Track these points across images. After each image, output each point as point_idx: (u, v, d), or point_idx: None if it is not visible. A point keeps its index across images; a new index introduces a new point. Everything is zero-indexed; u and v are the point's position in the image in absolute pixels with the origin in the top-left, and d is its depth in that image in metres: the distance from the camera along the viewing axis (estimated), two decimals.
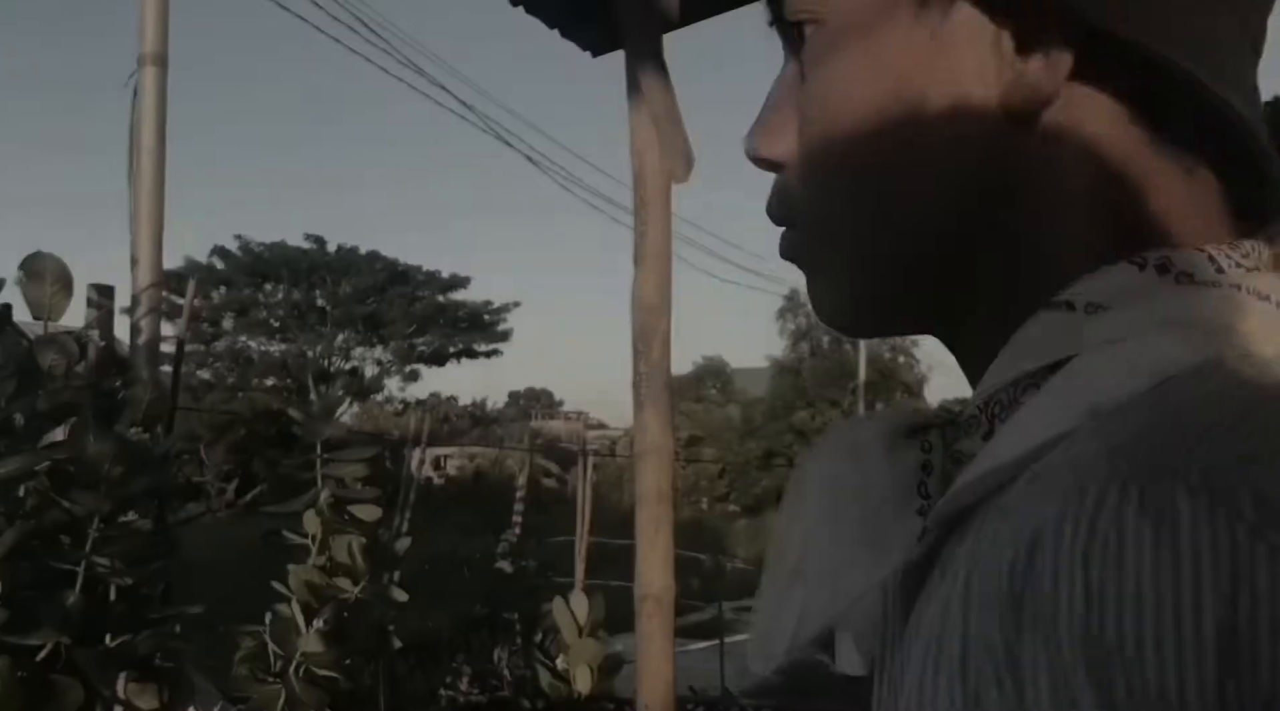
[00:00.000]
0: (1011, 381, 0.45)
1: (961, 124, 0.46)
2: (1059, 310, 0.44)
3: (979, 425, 0.47)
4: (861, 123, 0.48)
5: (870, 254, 0.50)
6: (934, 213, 0.48)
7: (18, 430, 1.77)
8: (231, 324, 29.36)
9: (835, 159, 0.49)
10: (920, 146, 0.47)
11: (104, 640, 1.78)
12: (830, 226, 0.51)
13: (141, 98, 2.75)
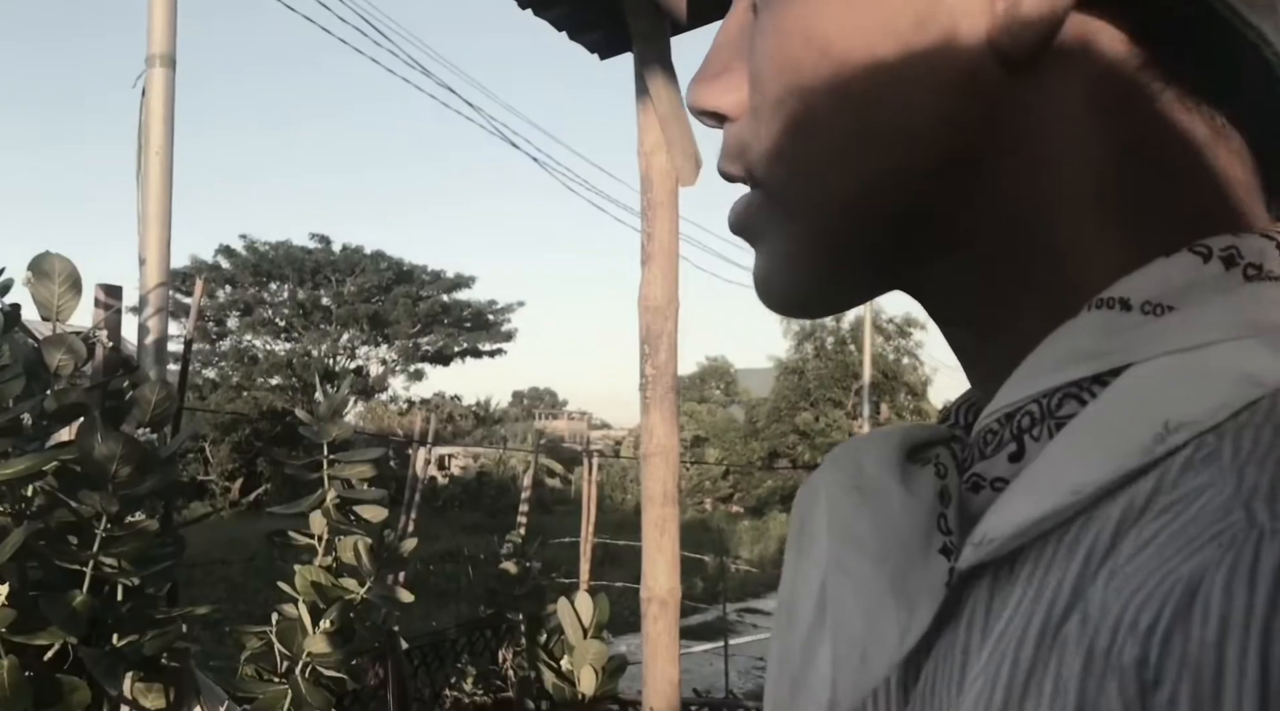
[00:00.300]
0: (1045, 391, 0.38)
1: (944, 65, 0.39)
2: (1110, 309, 0.37)
3: (1001, 443, 0.40)
4: (821, 57, 0.41)
5: (825, 210, 0.43)
6: (911, 167, 0.41)
7: (25, 430, 1.77)
8: (237, 323, 29.40)
9: (790, 100, 0.42)
10: (895, 91, 0.40)
11: (110, 640, 1.78)
12: (783, 178, 0.43)
13: (150, 98, 2.76)
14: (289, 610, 2.18)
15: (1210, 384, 0.33)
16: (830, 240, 0.43)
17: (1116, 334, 0.36)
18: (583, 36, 3.86)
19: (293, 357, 28.62)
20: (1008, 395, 0.39)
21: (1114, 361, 0.36)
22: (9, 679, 1.55)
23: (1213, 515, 0.29)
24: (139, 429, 1.87)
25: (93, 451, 1.67)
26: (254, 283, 29.45)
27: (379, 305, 29.60)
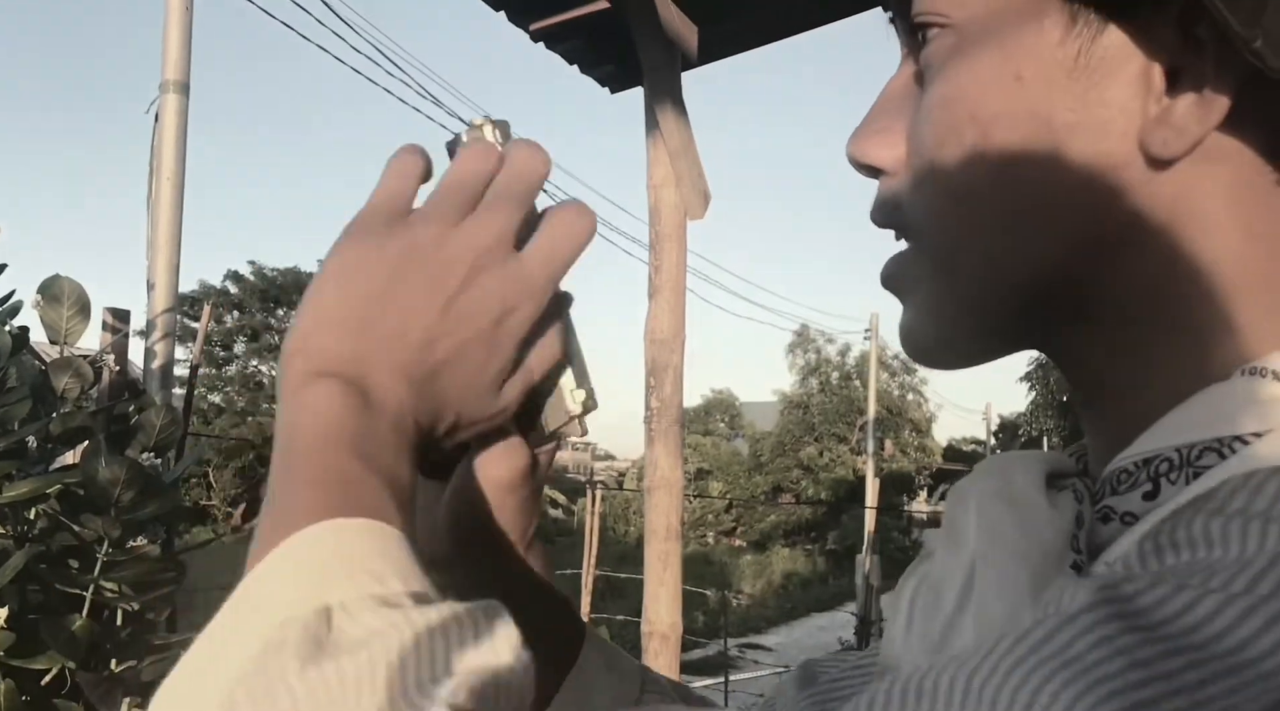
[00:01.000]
0: (1187, 443, 0.41)
1: (1093, 155, 0.43)
2: (1261, 378, 0.41)
3: (1136, 483, 0.43)
4: (984, 136, 0.44)
5: (972, 275, 0.47)
6: (1045, 244, 0.45)
7: (30, 452, 1.77)
8: (243, 348, 29.44)
9: (950, 170, 0.46)
10: (1043, 171, 0.43)
11: (109, 665, 1.77)
12: (944, 244, 0.47)
13: (163, 124, 2.78)
14: None
15: None
16: (976, 301, 0.47)
17: (1264, 401, 0.40)
18: (594, 70, 3.88)
19: None
20: (1148, 443, 0.43)
21: (1258, 425, 0.39)
22: (6, 702, 1.54)
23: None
24: (143, 453, 1.88)
25: (96, 475, 1.67)
26: (262, 308, 29.51)
27: None
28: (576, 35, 3.63)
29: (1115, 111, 0.42)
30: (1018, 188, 0.44)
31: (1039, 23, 0.43)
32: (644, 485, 3.58)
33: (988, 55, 0.45)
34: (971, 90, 0.45)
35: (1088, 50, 0.42)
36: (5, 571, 1.55)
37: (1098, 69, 0.42)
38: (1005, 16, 0.44)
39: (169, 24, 2.87)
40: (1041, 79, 0.43)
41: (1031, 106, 0.43)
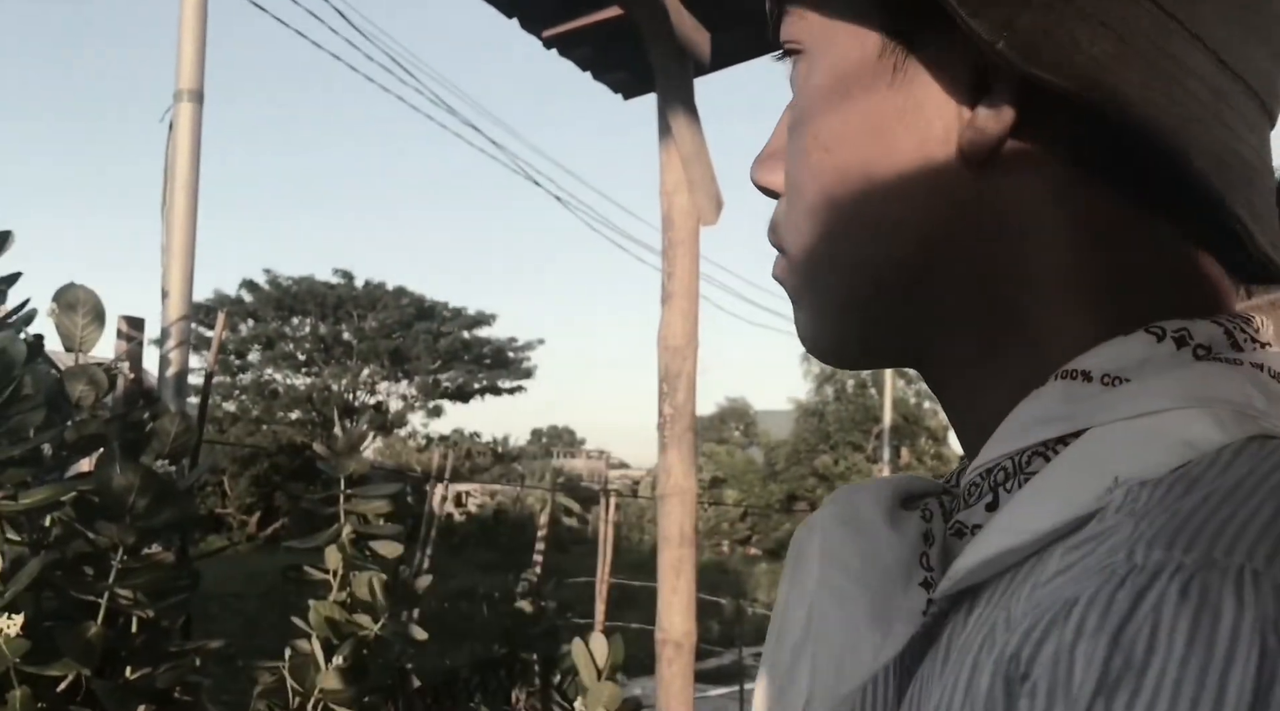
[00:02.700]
0: (1017, 450, 0.43)
1: (916, 161, 0.45)
2: (1073, 380, 0.43)
3: (981, 494, 0.45)
4: (825, 152, 0.48)
5: (841, 288, 0.50)
6: (889, 247, 0.47)
7: (45, 460, 1.78)
8: (258, 357, 29.54)
9: (805, 186, 0.49)
10: (876, 180, 0.46)
11: (124, 672, 1.77)
12: (808, 258, 0.51)
13: (177, 132, 2.79)
14: (302, 645, 2.17)
15: (1153, 446, 0.39)
16: (839, 308, 0.50)
17: (1078, 401, 0.42)
18: (607, 76, 3.89)
19: (313, 392, 28.72)
20: (987, 453, 0.45)
21: (1075, 425, 0.41)
22: (22, 709, 1.54)
23: (1108, 553, 0.34)
24: (158, 461, 1.88)
25: (111, 482, 1.67)
26: (276, 317, 29.61)
27: (400, 341, 29.71)
28: (589, 42, 3.63)
29: (933, 117, 0.45)
30: (856, 198, 0.47)
31: (861, 43, 0.47)
32: (657, 492, 3.57)
33: (824, 78, 0.48)
34: (811, 111, 0.49)
35: (902, 64, 0.46)
36: (21, 578, 1.55)
37: (914, 79, 0.45)
38: (836, 40, 0.48)
39: (183, 33, 2.88)
40: (868, 94, 0.46)
41: (861, 120, 0.47)
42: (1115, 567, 0.33)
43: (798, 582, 0.49)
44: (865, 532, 0.48)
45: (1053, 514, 0.38)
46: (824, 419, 30.97)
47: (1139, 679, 0.30)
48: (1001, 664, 0.33)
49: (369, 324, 29.76)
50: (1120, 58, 0.41)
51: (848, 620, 0.46)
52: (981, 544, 0.41)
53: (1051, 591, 0.35)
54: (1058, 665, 0.31)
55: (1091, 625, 0.31)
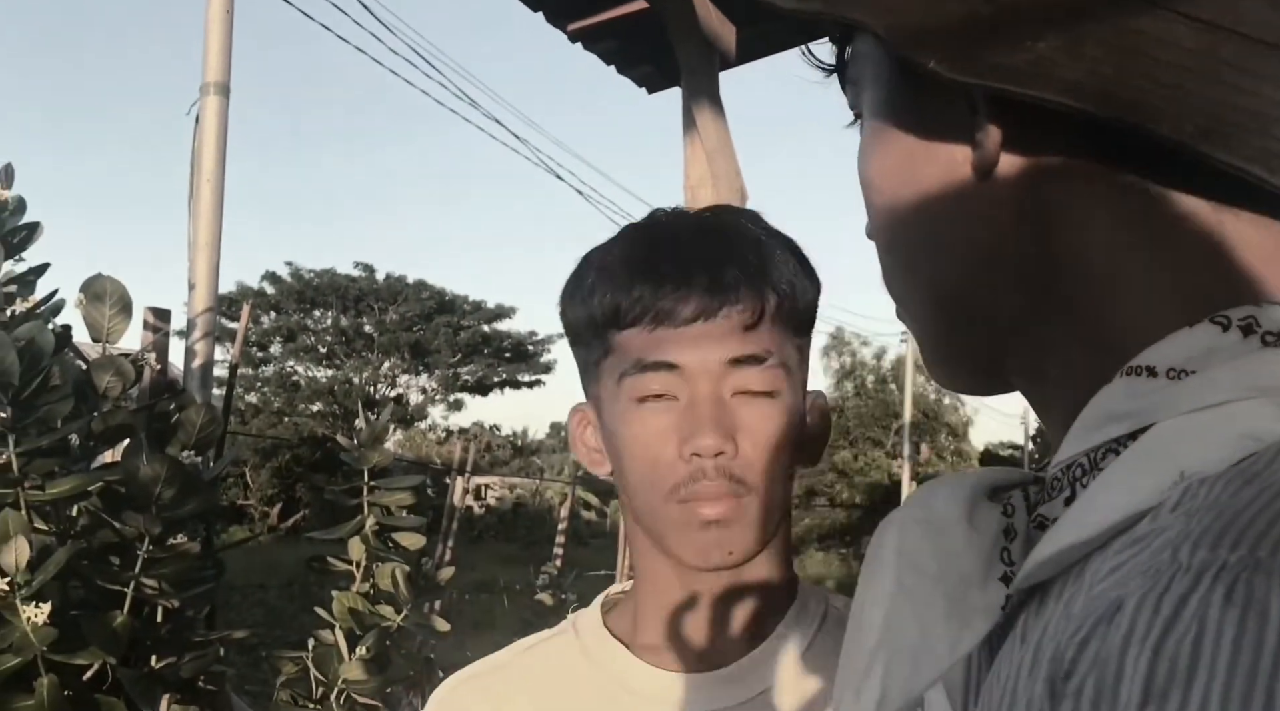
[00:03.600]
0: (1093, 447, 0.44)
1: (952, 191, 0.48)
2: (1138, 376, 0.43)
3: (1061, 488, 0.46)
4: (881, 198, 0.52)
5: (924, 320, 0.53)
6: (955, 276, 0.50)
7: (72, 450, 1.79)
8: (280, 349, 29.67)
9: (879, 238, 0.54)
10: (926, 216, 0.50)
11: (149, 661, 1.78)
12: (896, 299, 0.55)
13: (203, 126, 2.80)
14: (325, 636, 2.18)
15: (1215, 439, 0.38)
16: (931, 339, 0.53)
17: (1143, 396, 0.42)
18: (631, 70, 3.88)
19: (334, 384, 28.83)
20: (1066, 450, 0.46)
21: (1142, 420, 0.41)
22: (49, 697, 1.55)
23: (1155, 552, 0.34)
24: (183, 451, 1.89)
25: (137, 473, 1.68)
26: (298, 309, 29.74)
27: (420, 334, 29.79)
28: (614, 35, 3.63)
29: (952, 146, 0.48)
30: (908, 232, 0.51)
31: (883, 89, 0.51)
32: None
33: (874, 135, 0.52)
34: (870, 165, 0.53)
35: (912, 104, 0.49)
36: (48, 567, 1.56)
37: (924, 116, 0.49)
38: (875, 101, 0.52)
39: (210, 27, 2.89)
40: (893, 136, 0.50)
41: (893, 161, 0.50)
42: (1161, 568, 0.33)
43: (874, 583, 0.50)
44: (942, 532, 0.48)
45: (1116, 508, 0.39)
46: (844, 414, 30.87)
47: (1186, 689, 0.29)
48: (1049, 663, 0.34)
49: (390, 317, 29.85)
50: (1070, 50, 0.42)
51: (923, 620, 0.46)
52: (1051, 538, 0.41)
53: (1102, 591, 0.35)
54: (1105, 670, 0.32)
55: (1139, 631, 0.31)
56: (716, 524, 0.86)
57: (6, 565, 1.52)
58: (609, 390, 0.91)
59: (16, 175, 1.74)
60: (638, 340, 0.88)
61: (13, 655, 1.53)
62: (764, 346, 0.88)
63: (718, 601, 0.92)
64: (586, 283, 0.92)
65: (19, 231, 1.74)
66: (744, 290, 0.87)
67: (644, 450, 0.88)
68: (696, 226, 0.93)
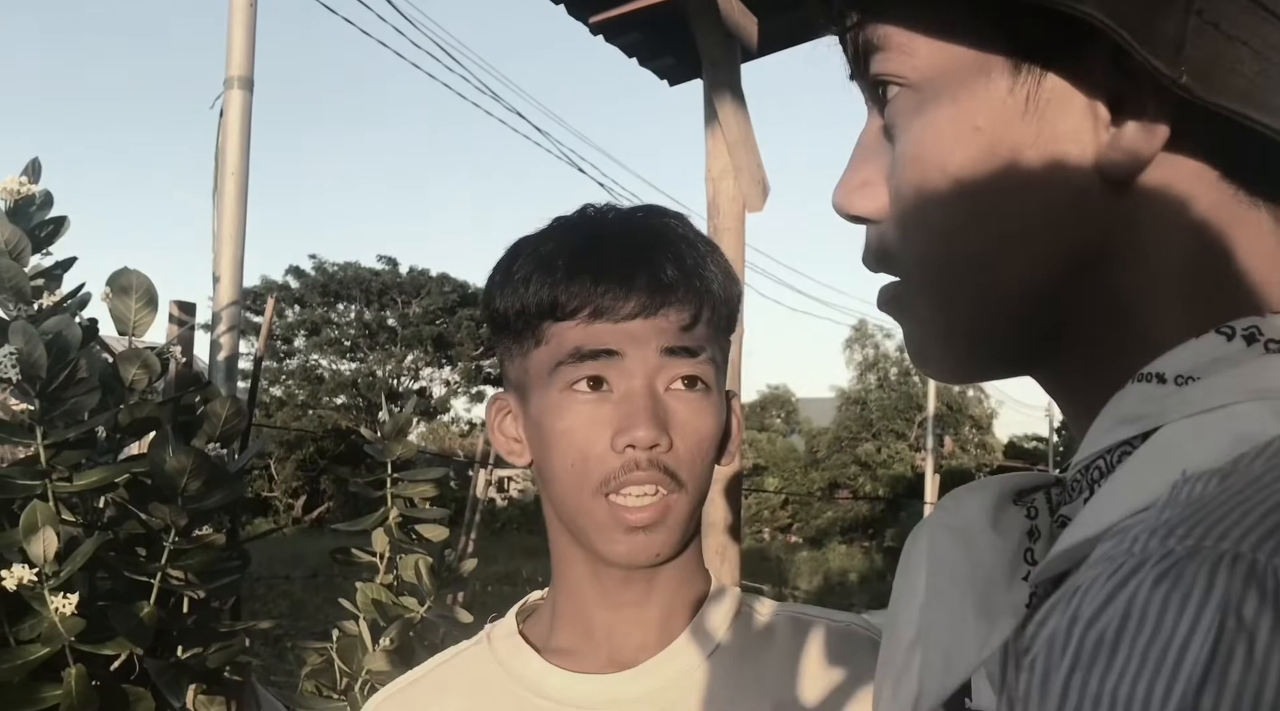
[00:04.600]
0: (1108, 448, 0.46)
1: (1055, 185, 0.47)
2: (1150, 382, 0.46)
3: (1081, 490, 0.49)
4: (956, 184, 0.49)
5: (964, 307, 0.51)
6: (1026, 271, 0.49)
7: (99, 442, 1.80)
8: (304, 342, 29.83)
9: (931, 218, 0.51)
10: (1014, 207, 0.48)
11: (175, 651, 1.80)
12: (928, 280, 0.52)
13: (227, 119, 2.81)
14: (349, 627, 2.19)
15: (1214, 440, 0.41)
16: (969, 327, 0.52)
17: (1153, 401, 0.45)
18: (653, 63, 3.88)
19: (358, 377, 28.96)
20: (1084, 450, 0.48)
21: (1150, 423, 0.44)
22: (77, 687, 1.57)
23: (1127, 542, 0.37)
24: (209, 444, 1.90)
25: (163, 465, 1.69)
26: (322, 303, 29.89)
27: (443, 327, 29.88)
28: (636, 28, 3.62)
29: (1069, 143, 0.47)
30: (989, 225, 0.49)
31: (986, 76, 0.48)
32: None
33: (945, 112, 0.49)
34: (937, 145, 0.49)
35: (1035, 94, 0.47)
36: (76, 558, 1.58)
37: (1047, 108, 0.47)
38: (955, 74, 0.49)
39: (233, 21, 2.90)
40: (998, 125, 0.48)
41: (993, 150, 0.48)
42: (1117, 557, 0.36)
43: (908, 586, 0.53)
44: (970, 537, 0.51)
45: (1123, 505, 0.41)
46: (866, 407, 30.78)
47: (1109, 658, 0.33)
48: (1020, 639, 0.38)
49: (413, 310, 29.95)
50: (1264, 73, 0.44)
51: (954, 620, 0.49)
52: (1066, 535, 0.44)
53: (1073, 579, 0.39)
54: (1052, 644, 0.35)
55: (1081, 610, 0.35)
56: (644, 529, 0.87)
57: (35, 556, 1.53)
58: (538, 380, 0.91)
59: (44, 170, 1.75)
60: (574, 332, 0.88)
61: (41, 645, 1.55)
62: (699, 342, 0.90)
63: (632, 601, 0.93)
64: (520, 273, 0.92)
65: (46, 226, 1.75)
66: (682, 290, 0.88)
67: (574, 442, 0.88)
68: (633, 224, 0.94)
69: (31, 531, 1.53)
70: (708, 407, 0.90)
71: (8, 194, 1.67)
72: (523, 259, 0.93)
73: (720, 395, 0.93)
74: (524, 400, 0.95)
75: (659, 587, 0.93)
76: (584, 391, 0.88)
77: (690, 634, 0.93)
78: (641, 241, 0.91)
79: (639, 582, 0.92)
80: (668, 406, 0.88)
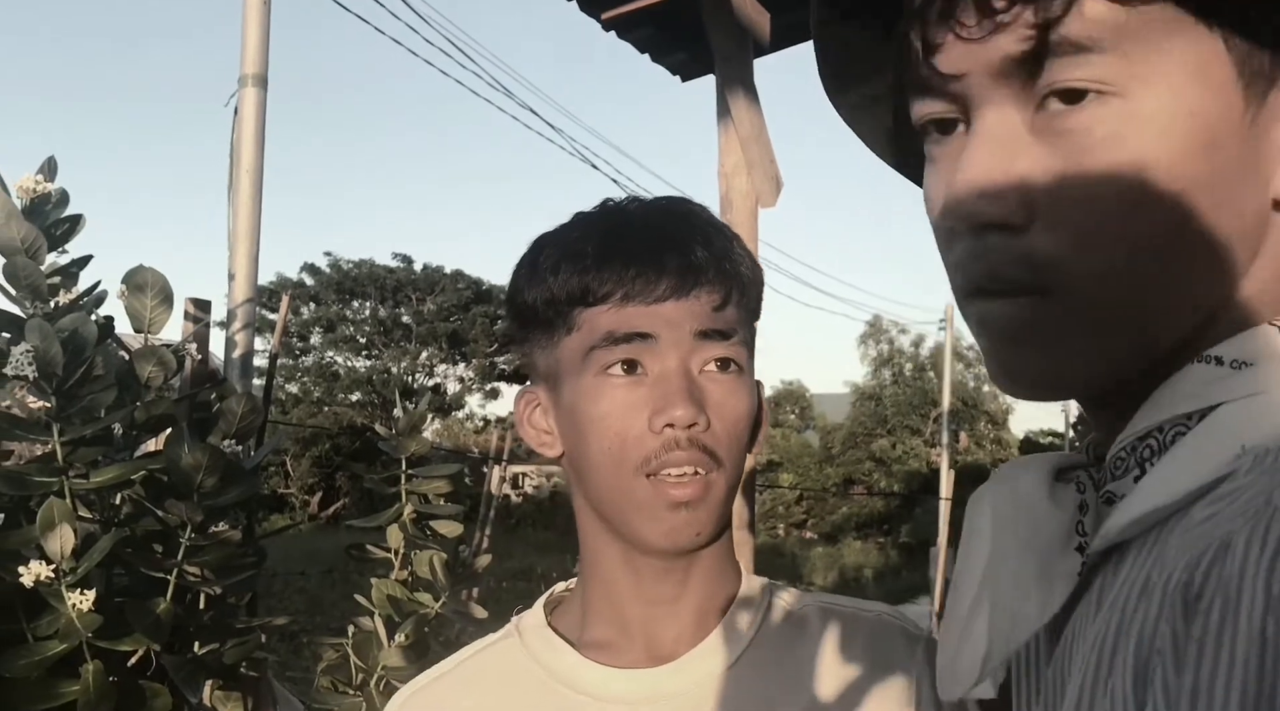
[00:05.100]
0: (1159, 425, 0.50)
1: (1257, 200, 0.49)
2: (1210, 364, 0.49)
3: (1129, 468, 0.51)
4: (1175, 204, 0.47)
5: (1132, 326, 0.49)
6: (1211, 295, 0.49)
7: (116, 440, 1.81)
8: (319, 339, 29.91)
9: (1137, 239, 0.47)
10: (1224, 235, 0.48)
11: (192, 647, 1.80)
12: (1106, 302, 0.49)
13: (242, 117, 2.82)
14: (365, 623, 2.19)
15: (1269, 419, 0.46)
16: (1119, 353, 0.50)
17: (1211, 383, 0.49)
18: (665, 59, 3.87)
19: (373, 374, 29.02)
20: (1133, 428, 0.51)
21: (1208, 401, 0.48)
22: (94, 683, 1.58)
23: (1248, 502, 0.41)
24: (224, 441, 1.91)
25: (180, 461, 1.70)
26: (337, 300, 29.95)
27: (458, 324, 29.92)
28: (648, 23, 3.62)
29: (1273, 163, 0.48)
30: (1195, 239, 0.47)
31: (1215, 92, 0.46)
32: None
33: (1172, 124, 0.46)
34: (1160, 158, 0.46)
35: (1256, 116, 0.47)
36: (93, 555, 1.58)
37: (1264, 131, 0.48)
38: (1178, 86, 0.46)
39: (247, 18, 2.90)
40: (1226, 143, 0.47)
41: (1217, 170, 0.47)
42: (1259, 511, 0.40)
43: (973, 550, 0.55)
44: (1029, 505, 0.54)
45: (1193, 477, 0.46)
46: (881, 402, 30.70)
47: None
48: (1171, 591, 0.41)
49: (427, 307, 29.99)
50: None
51: (1019, 580, 0.52)
52: (1130, 505, 0.48)
53: (1202, 533, 0.42)
54: (1228, 590, 0.39)
55: (1252, 559, 0.39)
56: (686, 506, 0.86)
57: (52, 552, 1.54)
58: (571, 368, 0.90)
59: (59, 168, 1.75)
60: (606, 316, 0.88)
61: (59, 641, 1.56)
62: (730, 324, 0.90)
63: (668, 594, 0.92)
64: (547, 263, 0.92)
65: (62, 224, 1.76)
66: (712, 271, 0.88)
67: (611, 424, 0.88)
68: (657, 211, 0.94)
69: (48, 528, 1.54)
70: (741, 389, 0.90)
71: (24, 192, 1.67)
72: (549, 249, 0.93)
73: (752, 379, 0.94)
74: (555, 390, 0.93)
75: (695, 579, 0.92)
76: (618, 375, 0.88)
77: (726, 626, 0.92)
78: (668, 225, 0.91)
79: (676, 574, 0.92)
80: (703, 387, 0.88)
